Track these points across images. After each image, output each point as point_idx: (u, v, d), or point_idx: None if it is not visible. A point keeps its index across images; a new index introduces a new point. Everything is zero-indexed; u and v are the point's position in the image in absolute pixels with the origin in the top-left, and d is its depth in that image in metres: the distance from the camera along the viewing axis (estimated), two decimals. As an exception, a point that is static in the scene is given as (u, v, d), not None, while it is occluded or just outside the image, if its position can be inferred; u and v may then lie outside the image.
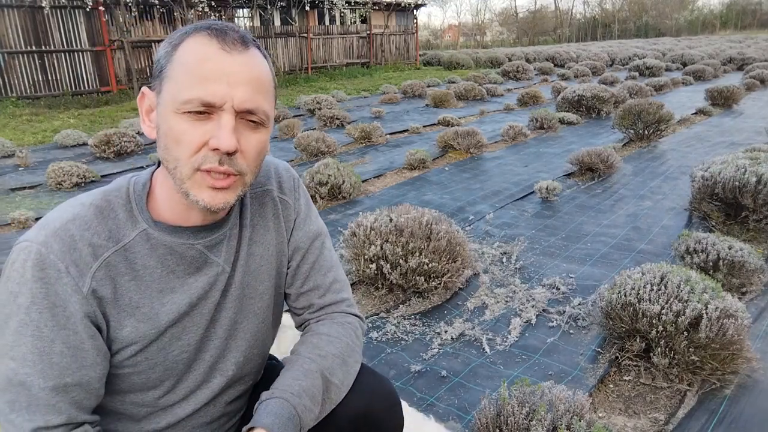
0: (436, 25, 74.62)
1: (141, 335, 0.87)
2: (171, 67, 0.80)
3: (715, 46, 23.79)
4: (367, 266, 2.64)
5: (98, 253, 0.82)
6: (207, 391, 0.98)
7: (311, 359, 0.97)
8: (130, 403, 0.92)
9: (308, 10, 15.95)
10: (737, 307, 1.93)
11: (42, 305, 0.78)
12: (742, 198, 3.31)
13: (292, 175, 1.08)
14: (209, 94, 0.77)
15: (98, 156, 6.42)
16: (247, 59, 0.81)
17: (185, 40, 0.80)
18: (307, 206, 1.08)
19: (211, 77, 0.77)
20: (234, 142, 0.79)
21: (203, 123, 0.79)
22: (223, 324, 0.96)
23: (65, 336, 0.80)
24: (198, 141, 0.79)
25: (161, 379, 0.92)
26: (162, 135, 0.82)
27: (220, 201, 0.82)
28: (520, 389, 1.59)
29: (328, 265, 1.08)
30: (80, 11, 11.33)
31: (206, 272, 0.92)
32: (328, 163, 4.40)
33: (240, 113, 0.80)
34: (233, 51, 0.79)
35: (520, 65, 15.46)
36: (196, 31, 0.80)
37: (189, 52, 0.79)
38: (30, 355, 0.78)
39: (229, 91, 0.78)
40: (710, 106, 8.59)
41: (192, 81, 0.78)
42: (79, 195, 0.88)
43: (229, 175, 0.81)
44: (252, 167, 0.85)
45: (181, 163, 0.80)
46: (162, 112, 0.81)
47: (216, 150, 0.79)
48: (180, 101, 0.78)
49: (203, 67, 0.78)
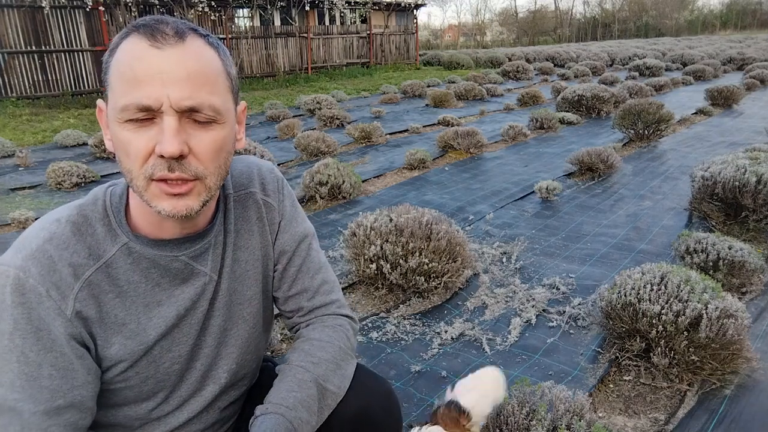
0: (436, 25, 74.67)
1: (129, 351, 0.85)
2: (109, 75, 0.75)
3: (715, 46, 23.80)
4: (367, 266, 2.64)
5: (79, 273, 0.79)
6: (200, 399, 0.97)
7: (304, 368, 0.95)
8: (123, 416, 0.91)
9: (308, 10, 15.95)
10: (737, 307, 1.93)
11: (25, 330, 0.75)
12: (742, 198, 3.30)
13: (276, 176, 1.05)
14: (143, 97, 0.72)
15: (98, 156, 6.41)
16: (182, 52, 0.74)
17: (120, 44, 0.75)
18: (292, 207, 1.05)
19: (143, 79, 0.72)
20: (177, 145, 0.73)
21: (147, 129, 0.74)
22: (212, 332, 0.95)
23: (52, 359, 0.77)
24: (144, 149, 0.74)
25: (153, 391, 0.91)
26: (115, 148, 0.77)
27: (182, 208, 0.77)
28: (520, 389, 1.59)
29: (315, 267, 1.05)
30: (80, 11, 11.33)
31: (193, 283, 0.90)
32: (328, 163, 4.40)
33: (182, 113, 0.74)
34: (165, 46, 0.73)
35: (520, 65, 15.46)
36: (130, 31, 0.75)
37: (122, 55, 0.74)
38: (18, 380, 0.75)
39: (164, 90, 0.72)
40: (710, 106, 8.59)
41: (125, 86, 0.73)
42: (54, 210, 0.84)
43: (186, 180, 0.76)
44: (211, 168, 0.79)
45: (134, 174, 0.76)
46: (110, 124, 0.76)
47: (163, 156, 0.74)
48: (118, 109, 0.73)
49: (134, 68, 0.72)
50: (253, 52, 14.77)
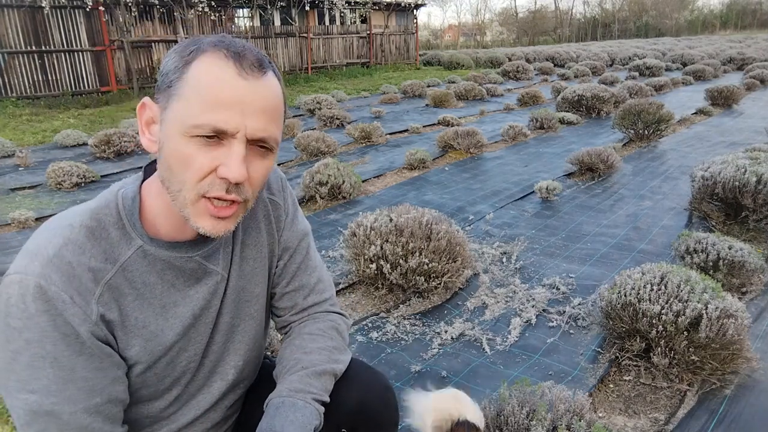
0: (436, 25, 74.63)
1: (149, 353, 0.86)
2: (181, 86, 0.76)
3: (715, 46, 23.80)
4: (367, 266, 2.64)
5: (99, 277, 0.79)
6: (208, 396, 0.98)
7: (297, 359, 0.99)
8: (134, 414, 0.92)
9: (308, 10, 15.94)
10: (737, 307, 1.93)
11: (54, 337, 0.75)
12: (742, 198, 3.31)
13: (279, 175, 1.07)
14: (222, 121, 0.74)
15: (98, 156, 6.41)
16: (263, 86, 0.77)
17: (199, 58, 0.76)
18: (294, 206, 1.08)
19: (226, 104, 0.74)
20: (244, 172, 0.76)
21: (212, 149, 0.76)
22: (221, 329, 0.96)
23: (84, 361, 0.77)
24: (207, 167, 0.76)
25: (168, 389, 0.92)
26: (167, 155, 0.78)
27: (221, 230, 0.81)
28: (521, 389, 1.59)
29: (313, 264, 1.08)
30: (80, 11, 11.32)
31: (206, 282, 0.91)
32: (328, 163, 4.40)
33: (251, 141, 0.78)
34: (250, 77, 0.76)
35: (520, 65, 15.46)
36: (212, 48, 0.76)
37: (203, 73, 0.75)
38: (53, 385, 0.75)
39: (243, 120, 0.75)
40: (710, 106, 8.59)
41: (204, 106, 0.74)
42: (63, 214, 0.83)
43: (234, 202, 0.80)
44: (256, 193, 0.84)
45: (187, 187, 0.77)
46: (168, 132, 0.77)
47: (224, 179, 0.76)
48: (190, 125, 0.74)
49: (218, 92, 0.74)
50: (253, 52, 14.73)
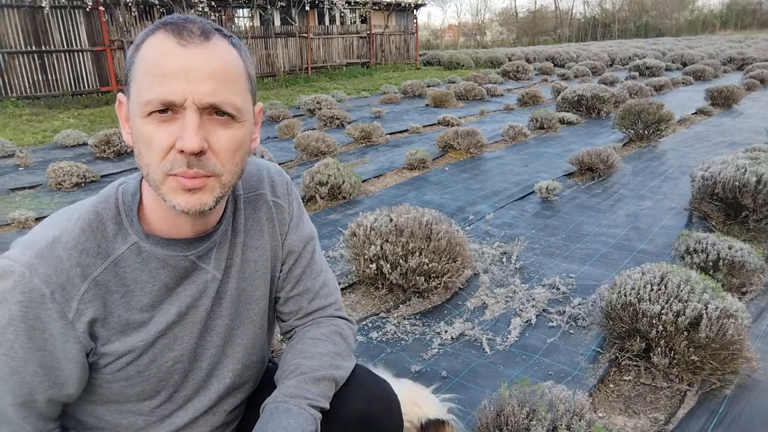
0: (436, 25, 74.63)
1: (130, 347, 0.85)
2: (134, 70, 0.77)
3: (715, 46, 23.80)
4: (367, 266, 2.64)
5: (87, 273, 0.80)
6: (204, 399, 0.97)
7: (297, 364, 0.97)
8: (127, 412, 0.92)
9: (308, 10, 15.94)
10: (737, 307, 1.93)
11: (19, 327, 0.76)
12: (742, 198, 3.31)
13: (285, 178, 1.06)
14: (168, 92, 0.74)
15: (98, 156, 6.41)
16: (207, 51, 0.76)
17: (146, 40, 0.77)
18: (299, 209, 1.07)
19: (168, 74, 0.74)
20: (198, 141, 0.75)
21: (168, 124, 0.75)
22: (218, 331, 0.95)
23: (41, 357, 0.78)
24: (165, 143, 0.75)
25: (156, 389, 0.91)
26: (135, 141, 0.79)
27: (195, 203, 0.78)
28: (521, 389, 1.59)
29: (318, 268, 1.07)
30: (80, 11, 11.32)
31: (194, 280, 0.90)
32: (328, 163, 4.40)
33: (204, 109, 0.76)
34: (190, 44, 0.75)
35: (520, 65, 15.46)
36: (156, 28, 0.77)
37: (148, 51, 0.76)
38: (1, 372, 0.77)
39: (188, 87, 0.74)
40: (710, 106, 8.59)
41: (151, 81, 0.75)
42: (67, 207, 0.85)
43: (203, 176, 0.78)
44: (228, 166, 0.80)
45: (153, 168, 0.77)
46: (132, 118, 0.78)
47: (182, 152, 0.75)
48: (142, 103, 0.75)
49: (160, 64, 0.74)
50: (253, 52, 14.76)
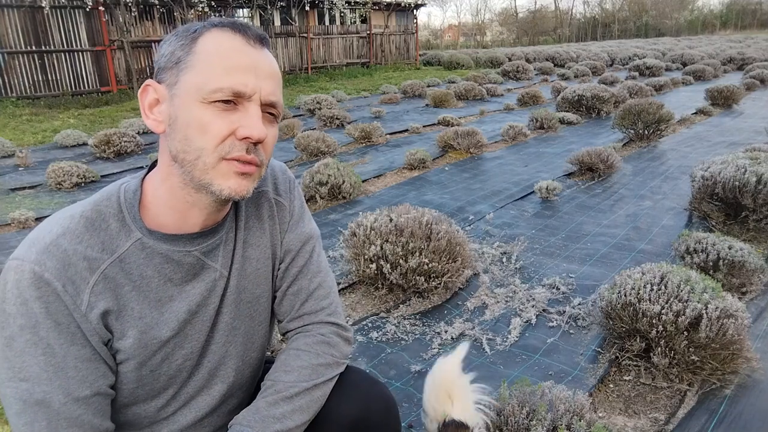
0: (436, 25, 74.68)
1: (143, 345, 0.86)
2: (192, 59, 0.80)
3: (715, 46, 23.80)
4: (367, 266, 2.64)
5: (94, 266, 0.80)
6: (208, 398, 0.97)
7: (274, 381, 0.96)
8: (132, 415, 0.91)
9: (308, 10, 15.94)
10: (737, 307, 1.93)
11: (47, 324, 0.76)
12: (742, 198, 3.31)
13: (289, 176, 1.07)
14: (241, 83, 0.79)
15: (98, 156, 6.41)
16: (267, 55, 0.85)
17: (206, 33, 0.81)
18: (301, 208, 1.06)
19: (242, 68, 0.80)
20: (265, 130, 0.82)
21: (229, 113, 0.80)
22: (222, 329, 0.95)
23: (76, 351, 0.78)
24: (226, 130, 0.80)
25: (164, 387, 0.91)
26: (182, 126, 0.80)
27: (243, 188, 0.83)
28: (521, 389, 1.59)
29: (315, 269, 1.05)
30: (80, 11, 11.32)
31: (203, 278, 0.91)
32: (328, 163, 4.40)
33: (264, 105, 0.83)
34: (257, 46, 0.83)
35: (520, 65, 15.45)
36: (218, 26, 0.82)
37: (214, 43, 0.81)
38: (44, 373, 0.76)
39: (258, 82, 0.81)
40: (710, 106, 8.59)
41: (222, 70, 0.79)
42: (69, 206, 0.86)
43: (254, 164, 0.84)
44: (267, 159, 0.88)
45: (206, 152, 0.80)
46: (181, 103, 0.80)
47: (245, 139, 0.80)
48: (208, 90, 0.78)
49: (233, 58, 0.80)
50: (253, 52, 14.74)
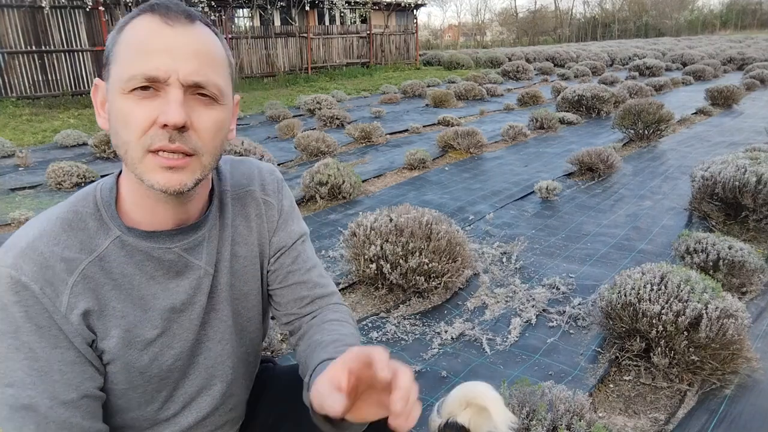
0: (436, 25, 74.72)
1: (128, 344, 0.84)
2: (116, 49, 0.78)
3: (715, 46, 23.80)
4: (367, 266, 2.64)
5: (72, 267, 0.79)
6: (208, 398, 0.97)
7: (339, 331, 0.96)
8: (130, 419, 0.91)
9: (308, 10, 15.95)
10: (737, 307, 1.93)
11: (28, 328, 0.75)
12: (742, 198, 3.31)
13: (276, 177, 1.06)
14: (153, 68, 0.74)
15: (98, 156, 6.41)
16: (192, 32, 0.78)
17: (130, 22, 0.78)
18: (290, 207, 1.06)
19: (154, 51, 0.75)
20: (182, 114, 0.75)
21: (150, 101, 0.76)
22: (215, 327, 0.95)
23: (59, 354, 0.77)
24: (146, 119, 0.75)
25: (158, 389, 0.90)
26: (112, 121, 0.79)
27: (175, 182, 0.78)
28: (521, 389, 1.59)
29: (311, 263, 1.06)
30: (80, 11, 11.33)
31: (187, 276, 0.89)
32: (328, 163, 4.40)
33: (188, 87, 0.77)
34: (176, 24, 0.77)
35: (520, 65, 15.45)
36: (140, 11, 0.78)
37: (132, 31, 0.77)
38: (29, 377, 0.75)
39: (174, 64, 0.75)
40: (710, 106, 8.59)
41: (135, 57, 0.75)
42: (46, 210, 0.85)
43: (184, 154, 0.78)
44: (209, 147, 0.81)
45: (131, 145, 0.76)
46: (110, 98, 0.78)
47: (165, 126, 0.75)
48: (124, 80, 0.75)
49: (146, 42, 0.75)
50: (253, 52, 14.77)
